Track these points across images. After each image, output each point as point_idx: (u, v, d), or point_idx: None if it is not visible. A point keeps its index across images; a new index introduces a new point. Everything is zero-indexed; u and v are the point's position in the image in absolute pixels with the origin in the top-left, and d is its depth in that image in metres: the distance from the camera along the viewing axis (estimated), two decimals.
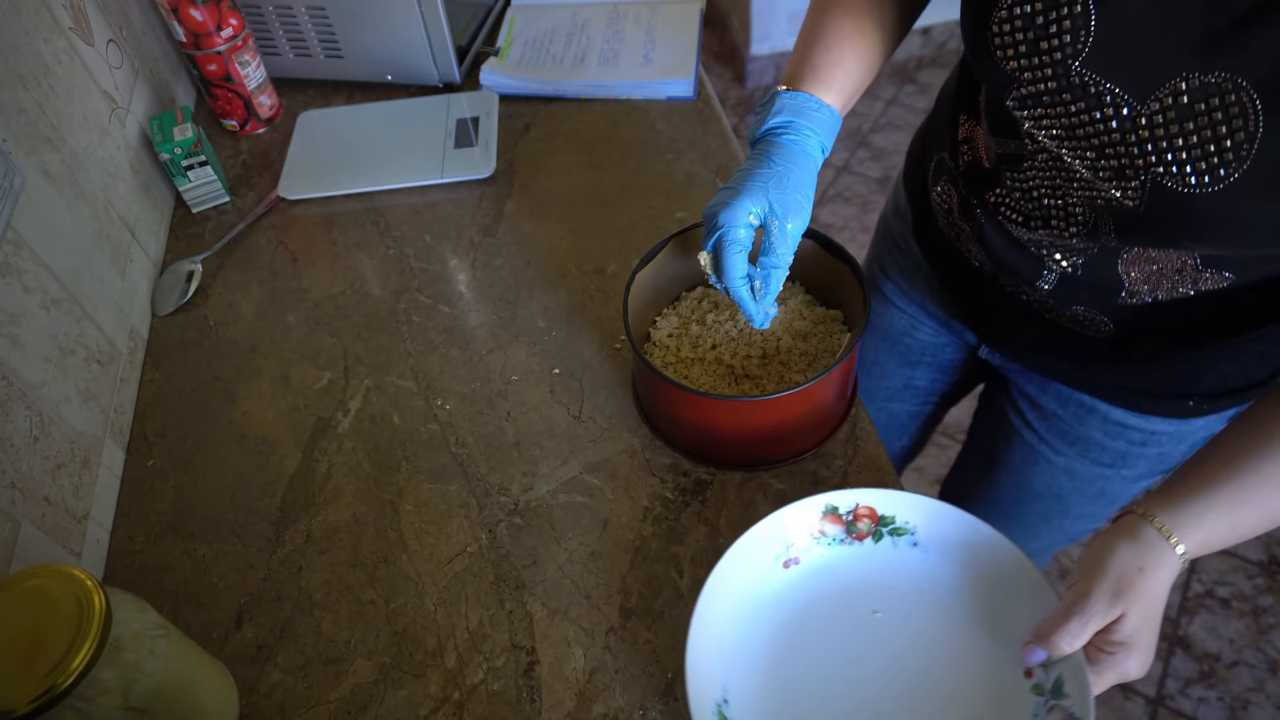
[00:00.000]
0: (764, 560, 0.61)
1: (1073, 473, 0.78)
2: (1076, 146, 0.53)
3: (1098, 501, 0.81)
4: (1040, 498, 0.83)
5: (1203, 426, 0.70)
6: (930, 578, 0.61)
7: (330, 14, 1.02)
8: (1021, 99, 0.54)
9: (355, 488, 0.72)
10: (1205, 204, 0.47)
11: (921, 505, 0.61)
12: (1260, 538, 1.55)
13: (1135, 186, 0.50)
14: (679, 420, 0.70)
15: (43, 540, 0.62)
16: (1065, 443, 0.77)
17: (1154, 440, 0.72)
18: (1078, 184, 0.55)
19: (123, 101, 0.89)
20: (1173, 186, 0.48)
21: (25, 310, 0.66)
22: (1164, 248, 0.56)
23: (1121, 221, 0.54)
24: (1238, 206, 0.46)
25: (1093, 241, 0.58)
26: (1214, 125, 0.45)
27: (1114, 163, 0.51)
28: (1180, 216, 0.49)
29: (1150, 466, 0.75)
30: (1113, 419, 0.72)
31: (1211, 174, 0.46)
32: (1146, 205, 0.51)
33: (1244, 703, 1.38)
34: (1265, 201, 0.45)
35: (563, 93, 1.05)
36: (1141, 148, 0.49)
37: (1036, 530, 0.88)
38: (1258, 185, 0.45)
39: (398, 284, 0.87)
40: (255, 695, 0.61)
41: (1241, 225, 0.48)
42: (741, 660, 0.58)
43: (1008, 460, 0.84)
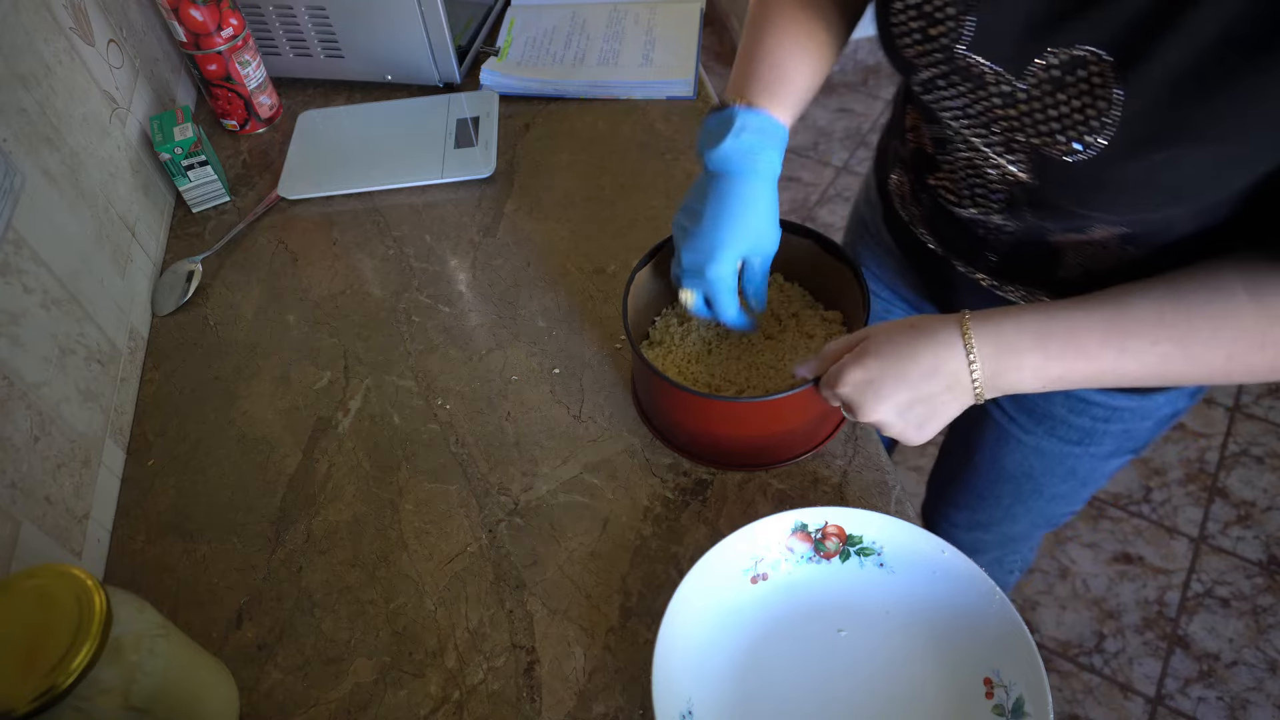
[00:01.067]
0: (733, 575, 0.61)
1: (1042, 451, 0.79)
2: (972, 124, 0.56)
3: (1069, 481, 0.82)
4: (1013, 478, 0.85)
5: (1166, 402, 0.71)
6: (896, 598, 0.61)
7: (330, 14, 1.02)
8: (924, 84, 0.58)
9: (355, 487, 0.72)
10: (1084, 171, 0.50)
11: (889, 526, 0.61)
12: (1260, 538, 1.56)
13: (1024, 159, 0.54)
14: (677, 421, 0.70)
15: (43, 540, 0.62)
16: (1033, 421, 0.78)
17: (1117, 416, 0.73)
18: (988, 161, 0.59)
19: (123, 101, 0.89)
20: (1054, 156, 0.51)
21: (25, 310, 0.66)
22: (1074, 223, 0.58)
23: (1028, 194, 0.58)
24: (1111, 171, 0.49)
25: (1016, 219, 0.61)
26: (1080, 95, 0.48)
27: (1003, 137, 0.55)
28: (1066, 185, 0.52)
29: (1117, 444, 0.76)
30: (1075, 395, 0.73)
31: (1081, 141, 0.49)
32: (1038, 176, 0.54)
33: (1243, 702, 1.38)
34: (1133, 164, 0.48)
35: (563, 93, 1.05)
36: (1022, 121, 0.52)
37: (1013, 512, 0.90)
38: (1123, 149, 0.48)
39: (398, 284, 0.87)
40: (255, 695, 0.61)
41: (1114, 189, 0.50)
42: (707, 673, 0.58)
43: (980, 443, 0.86)
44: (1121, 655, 1.44)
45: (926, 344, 0.54)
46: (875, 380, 0.55)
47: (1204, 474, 1.66)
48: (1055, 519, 0.91)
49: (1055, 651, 1.45)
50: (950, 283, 0.73)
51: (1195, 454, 1.69)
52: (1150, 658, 1.44)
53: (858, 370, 0.56)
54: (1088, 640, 1.46)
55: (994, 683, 0.56)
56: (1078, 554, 1.57)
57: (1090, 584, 1.53)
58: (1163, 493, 1.64)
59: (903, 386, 0.55)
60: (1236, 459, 1.67)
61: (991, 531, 0.97)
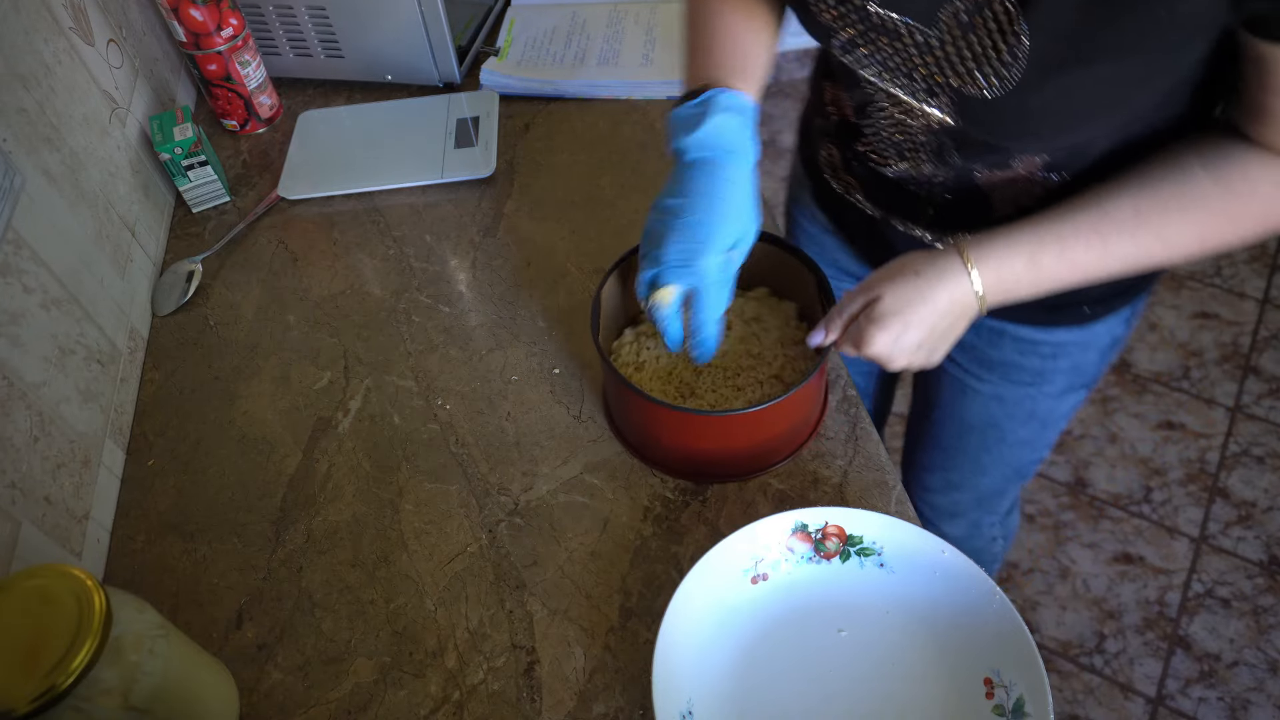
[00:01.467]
0: (733, 575, 0.61)
1: (1000, 398, 0.82)
2: (894, 76, 0.59)
3: (1030, 424, 0.85)
4: (976, 428, 0.88)
5: (1105, 332, 0.75)
6: (896, 598, 0.61)
7: (330, 14, 1.02)
8: (843, 45, 0.60)
9: (355, 488, 0.72)
10: (1003, 104, 0.54)
11: (889, 526, 0.61)
12: (1261, 538, 1.56)
13: (946, 101, 0.57)
14: (655, 436, 0.69)
15: (43, 540, 0.62)
16: (985, 369, 0.81)
17: (1063, 351, 0.76)
18: (911, 113, 0.62)
19: (123, 101, 0.89)
20: (973, 94, 0.55)
21: (25, 310, 0.66)
22: (999, 158, 0.61)
23: (954, 138, 0.61)
24: (1025, 100, 0.53)
25: (945, 166, 0.64)
26: (989, 34, 0.52)
27: (924, 84, 0.58)
28: (987, 119, 0.56)
29: (1069, 380, 0.80)
30: (1021, 337, 0.76)
31: (997, 75, 0.53)
32: (961, 115, 0.57)
33: (1244, 703, 1.38)
34: (1046, 91, 0.52)
35: (563, 93, 1.05)
36: (939, 65, 0.55)
37: (981, 463, 0.93)
38: (1035, 78, 0.51)
39: (398, 284, 0.87)
40: (255, 695, 0.61)
41: (1033, 116, 0.54)
42: (707, 673, 0.58)
43: (940, 398, 0.89)
44: (1122, 655, 1.44)
45: (938, 287, 0.58)
46: (899, 335, 0.59)
47: (1205, 474, 1.66)
48: (1024, 468, 0.94)
49: (1055, 651, 1.45)
50: (889, 244, 0.75)
51: (1196, 454, 1.69)
52: (1151, 658, 1.44)
53: (882, 333, 0.59)
54: (1088, 640, 1.46)
55: (994, 683, 0.56)
56: (1078, 554, 1.57)
57: (1091, 584, 1.53)
58: (1163, 493, 1.64)
59: (923, 330, 0.59)
60: (1237, 459, 1.67)
61: (965, 490, 0.99)
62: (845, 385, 0.76)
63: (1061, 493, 1.65)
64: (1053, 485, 1.66)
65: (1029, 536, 1.60)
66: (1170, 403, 1.77)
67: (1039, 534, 1.60)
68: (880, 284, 0.60)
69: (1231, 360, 1.83)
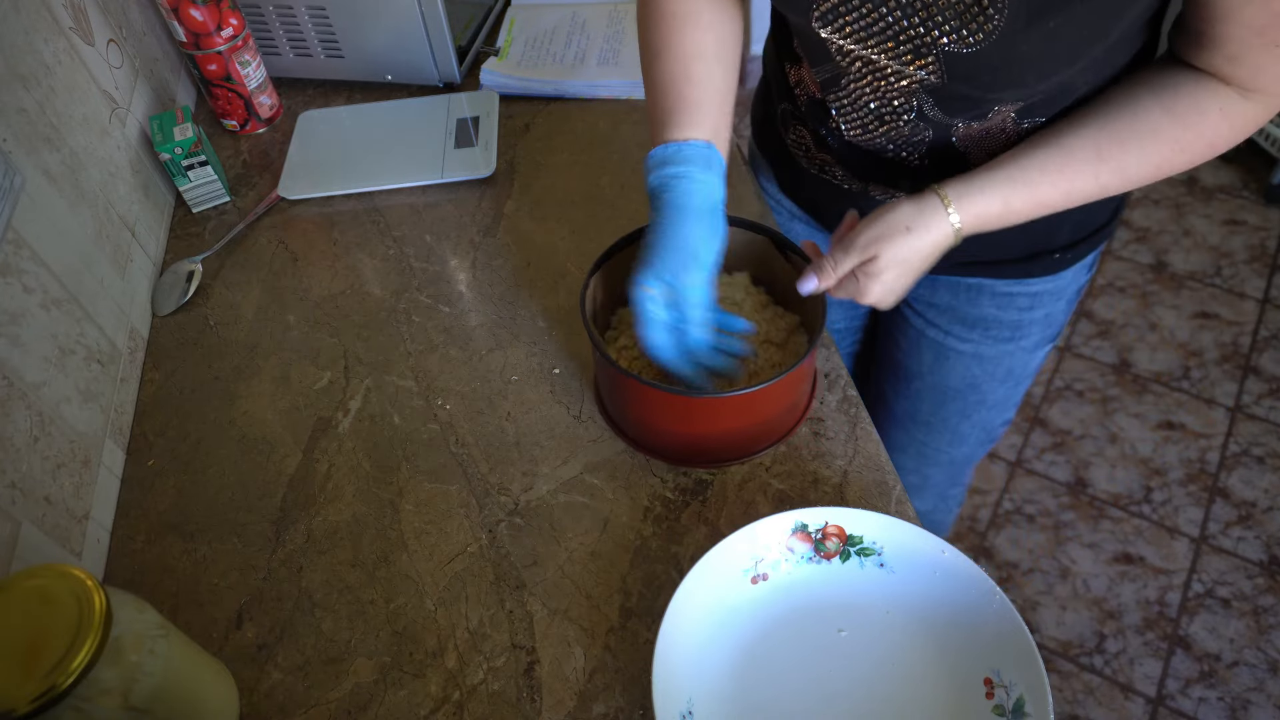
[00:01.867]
0: (733, 575, 0.61)
1: (981, 356, 0.86)
2: (877, 42, 0.60)
3: (1006, 382, 0.89)
4: (958, 393, 0.90)
5: (1071, 279, 0.80)
6: (896, 599, 0.61)
7: (330, 14, 1.02)
8: (823, 16, 0.61)
9: (355, 488, 0.72)
10: (989, 56, 0.55)
11: (889, 526, 0.61)
12: (1261, 538, 1.56)
13: (931, 61, 0.59)
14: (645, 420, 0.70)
15: (43, 540, 0.62)
16: (966, 327, 0.84)
17: (1038, 301, 0.80)
18: (891, 77, 0.63)
19: (123, 101, 0.89)
20: (959, 50, 0.56)
21: (25, 310, 0.66)
22: (979, 110, 0.63)
23: (934, 96, 0.63)
24: (1014, 49, 0.55)
25: (925, 127, 0.66)
26: None
27: (909, 45, 0.59)
28: (976, 74, 0.58)
29: (1041, 333, 0.84)
30: (999, 291, 0.80)
31: (983, 29, 0.54)
32: (947, 74, 0.59)
33: (1244, 703, 1.38)
34: (1028, 37, 0.54)
35: (563, 93, 1.05)
36: (925, 25, 0.56)
37: (960, 431, 0.96)
38: (1019, 26, 0.53)
39: (398, 284, 0.87)
40: (255, 695, 0.61)
41: (1020, 64, 0.56)
42: (707, 673, 0.58)
43: (919, 366, 0.91)
44: (1122, 655, 1.44)
45: (926, 238, 0.62)
46: (893, 284, 0.64)
47: (1205, 474, 1.66)
48: (994, 430, 0.97)
49: (1056, 652, 1.45)
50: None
51: (1196, 454, 1.69)
52: (1151, 658, 1.44)
53: (876, 285, 0.63)
54: (1088, 640, 1.46)
55: (994, 683, 0.56)
56: (1078, 554, 1.57)
57: (1091, 584, 1.53)
58: (1163, 493, 1.64)
59: (913, 276, 0.64)
60: (1237, 459, 1.67)
61: (940, 463, 1.01)
62: (845, 385, 0.76)
63: (1061, 493, 1.65)
64: (1053, 485, 1.66)
65: (1029, 536, 1.60)
66: (1170, 403, 1.77)
67: (1039, 534, 1.60)
68: (875, 243, 0.62)
69: (1231, 360, 1.83)
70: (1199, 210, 2.12)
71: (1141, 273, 2.01)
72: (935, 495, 1.09)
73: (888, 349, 0.95)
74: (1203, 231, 2.08)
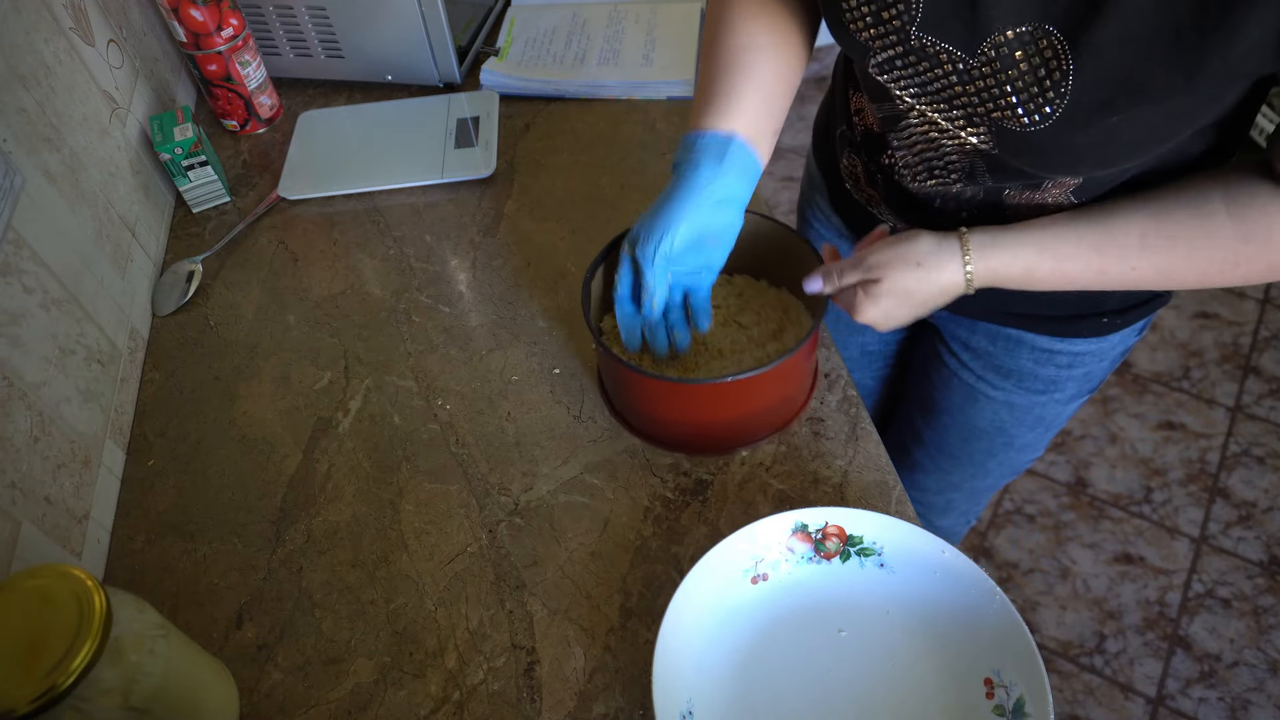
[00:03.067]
0: (733, 575, 0.61)
1: (1011, 404, 0.83)
2: (932, 100, 0.58)
3: (1036, 429, 0.86)
4: (985, 434, 0.88)
5: (1119, 341, 0.76)
6: (896, 599, 0.61)
7: (330, 14, 1.02)
8: (880, 65, 0.59)
9: (355, 488, 0.72)
10: (1042, 139, 0.53)
11: (889, 526, 0.61)
12: (1261, 538, 1.56)
13: (984, 131, 0.56)
14: (644, 409, 0.70)
15: (43, 540, 0.62)
16: (1000, 376, 0.81)
17: (1079, 361, 0.77)
18: (945, 134, 0.61)
19: (123, 101, 0.89)
20: (1011, 127, 0.54)
21: (25, 310, 0.66)
22: (1027, 180, 0.61)
23: (988, 162, 0.60)
24: (1068, 137, 0.52)
25: (974, 185, 0.63)
26: (1034, 70, 0.51)
27: (962, 111, 0.57)
28: (1025, 151, 0.55)
29: (1079, 387, 0.81)
30: (1040, 346, 0.77)
31: (1039, 112, 0.52)
32: (998, 145, 0.56)
33: (1244, 703, 1.38)
34: (1087, 129, 0.51)
35: (563, 93, 1.05)
36: (979, 96, 0.54)
37: (986, 467, 0.94)
38: (1079, 116, 0.51)
39: (398, 284, 0.87)
40: (255, 695, 0.61)
41: (1075, 152, 0.53)
42: (707, 673, 0.58)
43: (948, 403, 0.89)
44: (1122, 656, 1.44)
45: (935, 277, 0.60)
46: (890, 312, 0.63)
47: (1205, 474, 1.66)
48: (1021, 466, 0.96)
49: (1056, 652, 1.45)
50: None
51: (1196, 454, 1.69)
52: (1151, 658, 1.44)
53: (874, 309, 0.63)
54: (1088, 640, 1.46)
55: (994, 683, 0.56)
56: (1078, 554, 1.57)
57: (1091, 584, 1.53)
58: (1163, 493, 1.64)
59: (913, 310, 0.63)
60: (1238, 459, 1.67)
61: (963, 489, 1.00)
62: (845, 385, 0.76)
63: (1061, 493, 1.65)
64: (1053, 485, 1.66)
65: (1029, 536, 1.60)
66: (1170, 403, 1.77)
67: (1039, 534, 1.60)
68: (882, 267, 0.62)
69: (1231, 360, 1.83)
70: None
71: None
72: (956, 514, 1.08)
73: (920, 381, 0.94)
74: None
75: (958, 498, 1.02)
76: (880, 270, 0.62)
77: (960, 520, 1.12)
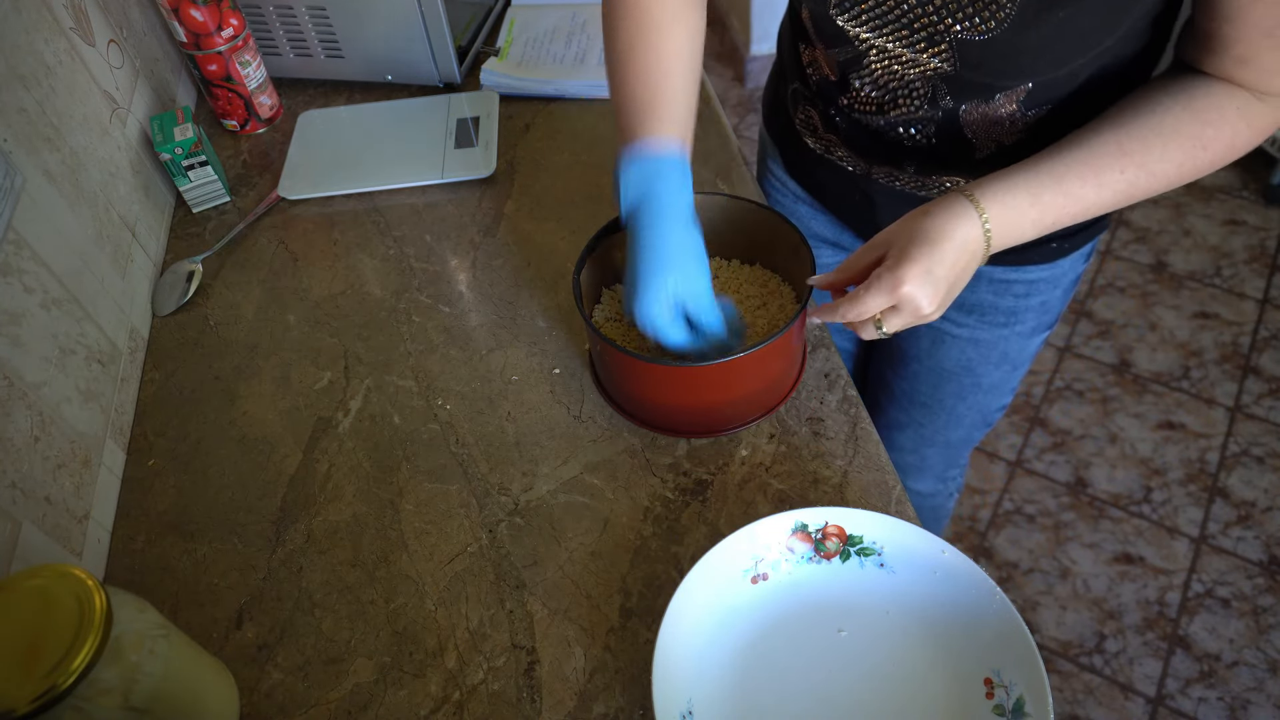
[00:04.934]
0: (733, 575, 0.61)
1: (976, 340, 0.87)
2: (893, 30, 0.62)
3: (1002, 366, 0.90)
4: (953, 375, 0.91)
5: (1069, 268, 0.80)
6: (896, 599, 0.61)
7: (330, 14, 1.02)
8: (840, 5, 0.63)
9: (355, 488, 0.72)
10: (1001, 44, 0.57)
11: (889, 526, 0.61)
12: (1261, 538, 1.56)
13: (944, 49, 0.60)
14: (632, 391, 0.71)
15: (43, 540, 0.62)
16: (963, 313, 0.85)
17: (1035, 289, 0.81)
18: (907, 64, 0.64)
19: (123, 101, 0.89)
20: (972, 39, 0.58)
21: (26, 310, 0.66)
22: (988, 95, 0.64)
23: (948, 83, 0.64)
24: (1023, 38, 0.56)
25: (934, 108, 0.67)
26: None
27: (923, 34, 0.60)
28: (986, 60, 0.59)
29: (1037, 319, 0.85)
30: (996, 278, 0.80)
31: (995, 17, 0.56)
32: (960, 60, 0.60)
33: (1244, 703, 1.38)
34: (1039, 26, 0.55)
35: (563, 93, 1.05)
36: (939, 14, 0.58)
37: (956, 413, 0.96)
38: (1031, 15, 0.55)
39: (398, 284, 0.87)
40: (255, 695, 0.61)
41: (1030, 52, 0.58)
42: (707, 673, 0.58)
43: (916, 349, 0.92)
44: (1122, 655, 1.44)
45: (955, 227, 0.57)
46: (929, 272, 0.57)
47: (1204, 474, 1.66)
48: (990, 414, 0.98)
49: (1056, 652, 1.45)
50: (869, 199, 0.79)
51: (1196, 454, 1.69)
52: (1151, 658, 1.44)
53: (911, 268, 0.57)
54: (1088, 640, 1.46)
55: (994, 683, 0.56)
56: (1078, 554, 1.57)
57: (1091, 584, 1.53)
58: (1163, 493, 1.64)
59: (943, 287, 0.58)
60: (1237, 459, 1.67)
61: (936, 443, 1.02)
62: (845, 385, 0.76)
63: (1061, 493, 1.65)
64: (1053, 485, 1.66)
65: (1029, 536, 1.60)
66: (1170, 403, 1.77)
67: (1039, 534, 1.60)
68: (889, 234, 0.59)
69: (1231, 360, 1.83)
70: (1199, 210, 2.12)
71: (1141, 273, 2.01)
72: (933, 477, 1.11)
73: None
74: (1202, 232, 2.08)
75: (931, 454, 1.04)
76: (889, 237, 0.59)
77: (939, 486, 1.13)
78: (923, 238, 0.57)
